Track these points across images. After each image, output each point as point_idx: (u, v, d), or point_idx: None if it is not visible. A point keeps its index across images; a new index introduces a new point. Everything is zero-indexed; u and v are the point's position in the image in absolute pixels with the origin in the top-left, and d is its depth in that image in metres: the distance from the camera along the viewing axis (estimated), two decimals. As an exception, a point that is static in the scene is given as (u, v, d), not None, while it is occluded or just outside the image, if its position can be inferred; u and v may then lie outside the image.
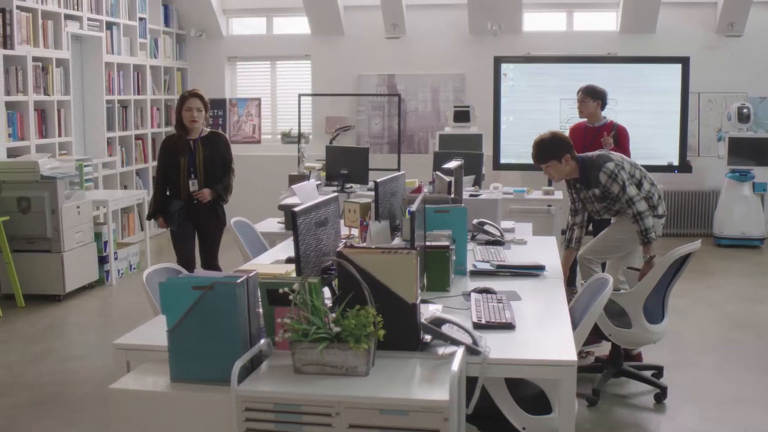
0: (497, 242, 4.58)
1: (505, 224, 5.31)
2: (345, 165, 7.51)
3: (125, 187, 9.08)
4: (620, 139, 6.22)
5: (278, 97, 10.76)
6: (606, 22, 9.89)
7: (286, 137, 10.17)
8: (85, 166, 7.27)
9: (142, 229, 9.41)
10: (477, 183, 7.54)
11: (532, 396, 2.94)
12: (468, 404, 2.54)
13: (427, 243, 3.48)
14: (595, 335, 4.46)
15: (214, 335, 2.43)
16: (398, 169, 9.47)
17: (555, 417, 2.83)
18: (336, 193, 3.70)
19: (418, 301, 2.59)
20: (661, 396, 4.35)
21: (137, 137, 9.40)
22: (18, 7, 6.95)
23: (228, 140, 5.67)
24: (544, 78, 9.07)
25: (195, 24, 10.39)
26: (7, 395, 4.51)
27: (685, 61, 8.71)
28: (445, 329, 2.58)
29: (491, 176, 8.85)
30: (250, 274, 2.54)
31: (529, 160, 4.91)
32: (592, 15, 9.97)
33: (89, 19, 8.12)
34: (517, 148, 8.99)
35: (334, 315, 2.44)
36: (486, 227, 4.71)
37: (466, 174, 7.51)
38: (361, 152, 7.54)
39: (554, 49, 9.55)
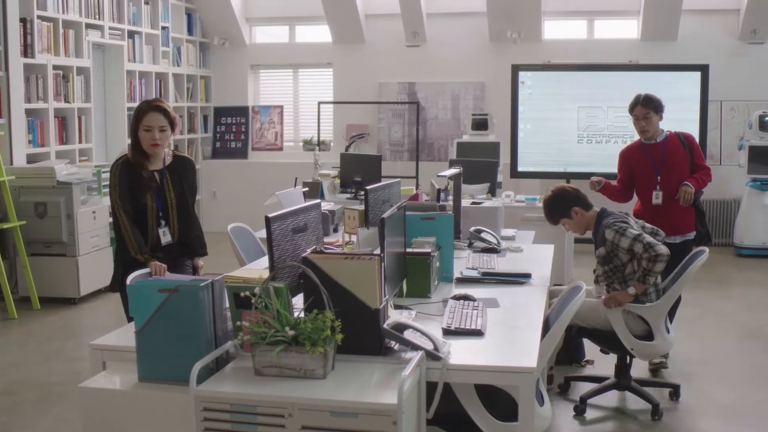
0: (493, 250, 4.60)
1: (507, 232, 5.34)
2: (359, 172, 7.57)
3: (147, 193, 9.22)
4: (693, 150, 5.14)
5: (300, 105, 10.87)
6: (627, 29, 9.84)
7: (308, 144, 10.27)
8: (104, 171, 7.41)
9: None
10: (492, 191, 7.56)
11: (506, 402, 2.96)
12: (428, 409, 2.58)
13: (409, 249, 3.52)
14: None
15: (179, 336, 2.50)
16: (416, 177, 9.59)
17: None
18: (319, 200, 3.73)
19: (381, 307, 2.63)
20: (659, 412, 4.26)
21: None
22: (39, 17, 7.13)
23: (194, 165, 4.25)
24: (562, 86, 9.05)
25: (218, 32, 10.55)
26: (13, 393, 4.65)
27: (704, 69, 8.63)
28: (407, 335, 2.61)
29: (509, 184, 8.86)
30: (217, 278, 2.61)
31: (547, 168, 4.93)
32: (613, 23, 9.93)
33: (111, 28, 8.29)
34: (535, 156, 8.99)
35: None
36: (483, 234, 4.73)
37: (481, 182, 7.56)
38: (374, 160, 7.60)
39: (575, 57, 9.52)
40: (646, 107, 5.04)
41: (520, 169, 9.12)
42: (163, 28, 9.47)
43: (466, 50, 10.05)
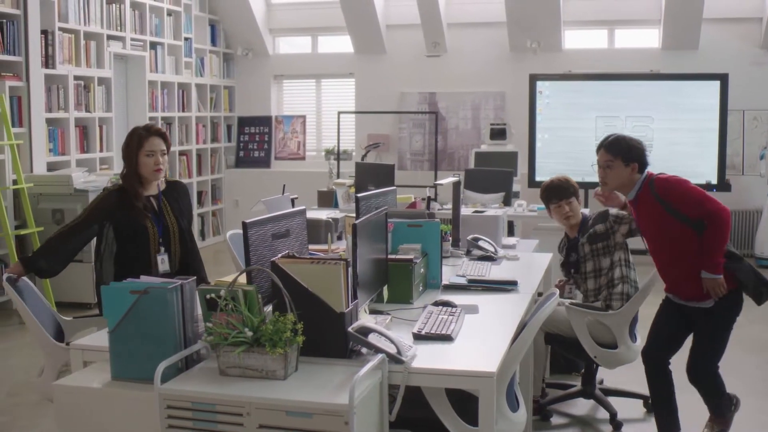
0: (489, 258, 4.63)
1: (509, 240, 5.36)
2: (373, 181, 7.62)
3: (169, 201, 9.38)
4: (670, 199, 3.77)
5: (323, 115, 10.98)
6: (648, 39, 9.80)
7: (329, 154, 10.37)
8: (123, 180, 7.58)
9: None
10: (506, 200, 7.58)
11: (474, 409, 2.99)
12: (391, 411, 2.63)
13: (391, 256, 3.57)
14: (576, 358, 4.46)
15: (148, 337, 2.58)
16: (435, 187, 9.62)
17: (497, 429, 2.88)
18: (304, 207, 3.74)
19: (346, 310, 2.69)
20: (618, 424, 4.30)
21: (181, 153, 9.73)
22: (60, 29, 7.33)
23: (188, 189, 4.31)
24: (580, 95, 9.05)
25: (242, 43, 10.71)
26: (16, 395, 4.79)
27: (723, 78, 8.58)
28: (371, 338, 2.66)
29: (527, 194, 8.86)
30: (187, 280, 2.69)
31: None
32: (634, 32, 9.89)
33: (132, 39, 8.48)
34: (553, 165, 8.97)
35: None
36: (480, 243, 4.76)
37: (497, 191, 7.59)
38: (388, 169, 7.64)
39: (595, 67, 9.51)
40: (609, 152, 3.87)
41: (537, 178, 9.11)
42: (186, 39, 9.65)
43: (486, 60, 10.09)
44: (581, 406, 4.53)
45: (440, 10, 9.75)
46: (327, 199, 7.71)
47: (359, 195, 4.08)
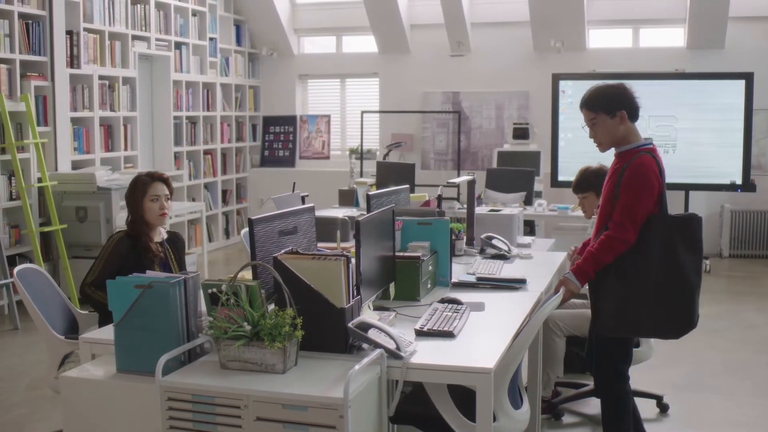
0: (502, 256, 4.63)
1: (524, 239, 5.35)
2: (394, 180, 7.64)
3: (193, 200, 9.50)
4: (620, 186, 3.47)
5: (347, 114, 11.03)
6: (673, 38, 9.71)
7: (354, 153, 10.41)
8: (147, 178, 7.67)
9: (210, 241, 9.85)
10: (528, 200, 7.57)
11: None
12: (389, 407, 2.65)
13: (399, 253, 3.59)
14: None
15: (152, 330, 2.63)
16: (458, 186, 9.61)
17: (498, 425, 2.89)
18: (313, 205, 3.76)
19: (347, 306, 2.72)
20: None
21: (206, 152, 9.83)
22: (85, 29, 7.44)
23: (185, 240, 4.43)
24: (603, 95, 8.98)
25: (267, 43, 10.80)
26: (35, 388, 4.88)
27: (748, 77, 8.48)
28: (371, 333, 2.69)
29: (550, 194, 8.85)
30: (191, 275, 2.73)
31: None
32: (659, 31, 9.81)
33: (157, 40, 8.58)
34: (575, 165, 8.84)
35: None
36: (493, 241, 4.77)
37: (518, 191, 7.58)
38: (408, 168, 7.68)
39: (620, 66, 9.46)
40: (590, 109, 3.59)
41: (560, 178, 9.09)
42: (211, 39, 9.74)
43: (509, 60, 10.07)
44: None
45: (464, 10, 9.75)
46: (348, 198, 7.74)
47: (370, 193, 4.11)
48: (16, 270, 3.72)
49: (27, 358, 5.56)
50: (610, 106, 3.53)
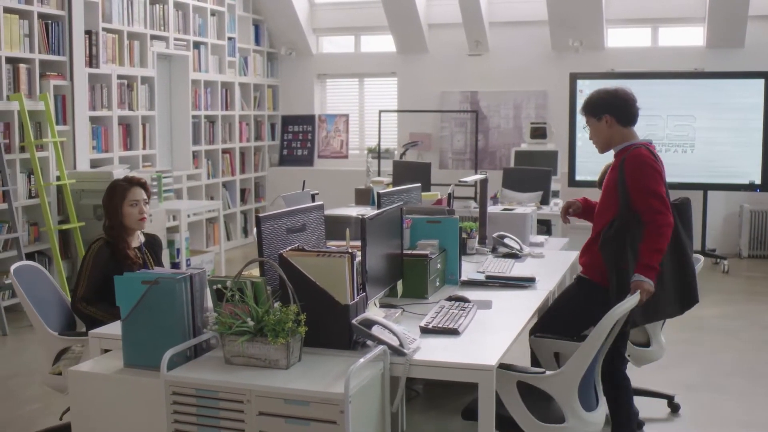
0: (514, 255, 4.64)
1: (536, 238, 5.35)
2: (410, 179, 7.64)
3: (212, 198, 9.56)
4: (626, 180, 3.61)
5: (366, 113, 11.05)
6: (692, 37, 9.65)
7: (372, 152, 10.44)
8: (165, 177, 7.73)
9: (229, 239, 9.92)
10: (545, 199, 7.55)
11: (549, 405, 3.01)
12: (392, 403, 2.67)
13: (407, 251, 3.61)
14: None
15: (158, 326, 2.66)
16: (475, 185, 9.61)
17: (567, 426, 2.90)
18: (322, 203, 3.78)
19: (351, 303, 2.74)
20: (640, 423, 4.17)
21: (224, 151, 9.90)
22: (104, 29, 7.52)
23: (161, 241, 4.42)
24: (622, 94, 8.94)
25: (285, 42, 10.84)
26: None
27: (767, 76, 8.41)
28: (375, 330, 2.71)
29: (566, 193, 8.81)
30: (197, 271, 2.77)
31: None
32: (678, 30, 9.75)
33: (176, 39, 8.65)
34: (593, 165, 8.88)
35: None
36: (506, 240, 4.77)
37: (535, 190, 7.57)
38: (425, 167, 7.68)
39: (638, 65, 9.42)
40: (582, 113, 3.81)
41: (577, 178, 9.07)
42: (230, 38, 9.80)
43: (528, 59, 10.05)
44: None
45: (482, 9, 9.74)
46: (364, 197, 7.76)
47: (381, 191, 4.14)
48: (12, 267, 3.75)
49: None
50: (595, 111, 3.73)
